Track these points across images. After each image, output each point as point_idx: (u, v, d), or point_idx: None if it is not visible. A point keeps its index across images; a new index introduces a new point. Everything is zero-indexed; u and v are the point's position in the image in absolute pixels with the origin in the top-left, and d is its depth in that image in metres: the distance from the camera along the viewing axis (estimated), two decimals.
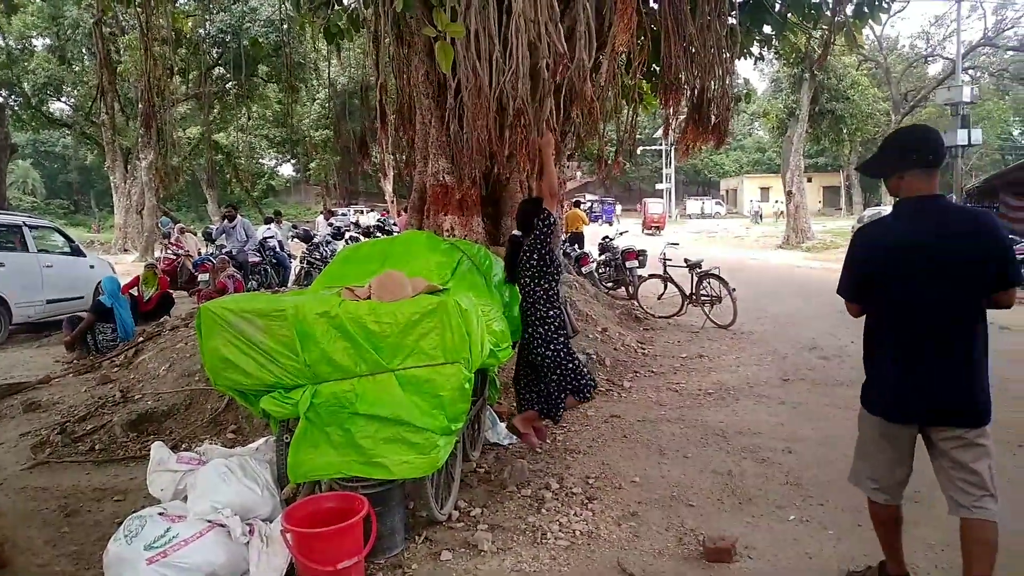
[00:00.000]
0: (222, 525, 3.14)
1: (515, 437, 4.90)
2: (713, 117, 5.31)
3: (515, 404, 4.60)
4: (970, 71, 33.77)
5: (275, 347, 3.32)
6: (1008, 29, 33.15)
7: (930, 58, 38.65)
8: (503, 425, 5.02)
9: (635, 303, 10.59)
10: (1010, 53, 36.21)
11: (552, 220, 4.20)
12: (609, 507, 3.83)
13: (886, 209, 22.66)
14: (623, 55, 5.93)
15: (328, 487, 3.44)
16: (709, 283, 9.93)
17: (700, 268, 10.14)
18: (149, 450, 3.73)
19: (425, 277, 4.03)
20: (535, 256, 4.16)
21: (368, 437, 3.19)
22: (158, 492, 3.58)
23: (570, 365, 4.15)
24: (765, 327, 9.58)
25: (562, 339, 4.18)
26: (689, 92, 5.81)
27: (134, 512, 3.24)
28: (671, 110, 5.99)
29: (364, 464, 3.18)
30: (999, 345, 7.99)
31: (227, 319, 3.34)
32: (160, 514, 3.20)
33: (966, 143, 19.17)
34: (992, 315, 2.66)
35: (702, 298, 9.88)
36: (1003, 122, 41.92)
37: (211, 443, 4.79)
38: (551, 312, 4.15)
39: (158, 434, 5.06)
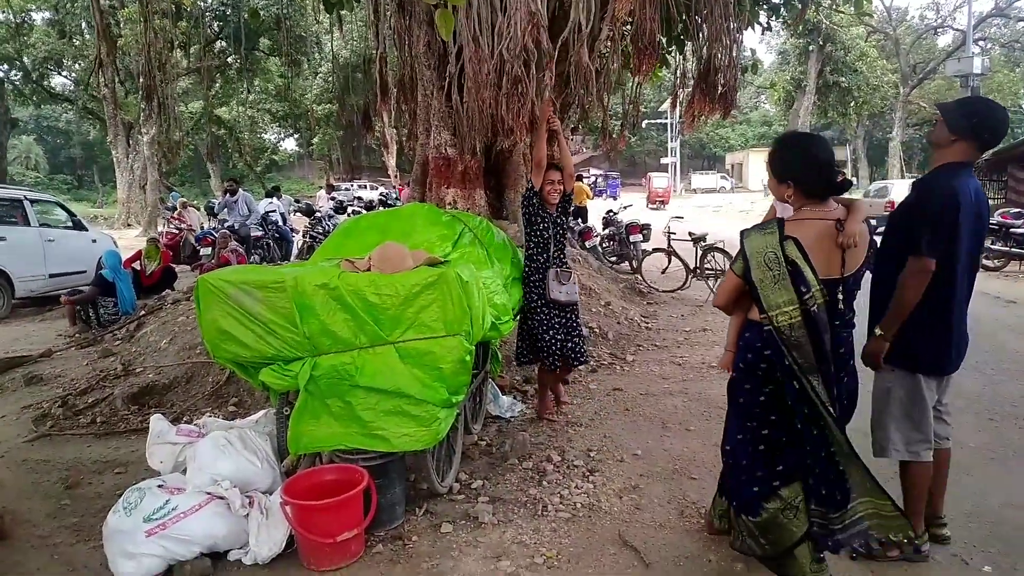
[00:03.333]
0: (221, 497, 3.13)
1: (517, 410, 4.89)
2: (720, 86, 5.21)
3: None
4: (980, 42, 33.22)
5: (274, 319, 3.28)
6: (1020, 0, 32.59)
7: (940, 29, 38.04)
8: (505, 398, 5.00)
9: (639, 277, 10.53)
10: (1021, 24, 35.63)
11: (527, 191, 4.54)
12: (611, 480, 3.81)
13: (893, 183, 22.43)
14: (628, 24, 5.81)
15: (328, 459, 3.42)
16: (713, 257, 9.86)
17: (704, 242, 10.06)
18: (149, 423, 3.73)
19: (426, 249, 3.98)
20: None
21: (369, 409, 3.17)
22: (157, 464, 3.58)
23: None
24: None
25: (530, 305, 4.53)
26: (696, 61, 5.71)
27: (135, 484, 3.23)
28: (643, 76, 5.91)
29: (365, 436, 3.16)
30: (1005, 319, 7.93)
31: (225, 291, 3.30)
32: (159, 486, 3.19)
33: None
34: (998, 289, 2.66)
35: (706, 272, 9.82)
36: (1013, 94, 41.32)
37: (212, 416, 4.79)
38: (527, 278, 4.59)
39: (159, 407, 5.05)
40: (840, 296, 2.51)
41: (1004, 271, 12.12)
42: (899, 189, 20.31)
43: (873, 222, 3.24)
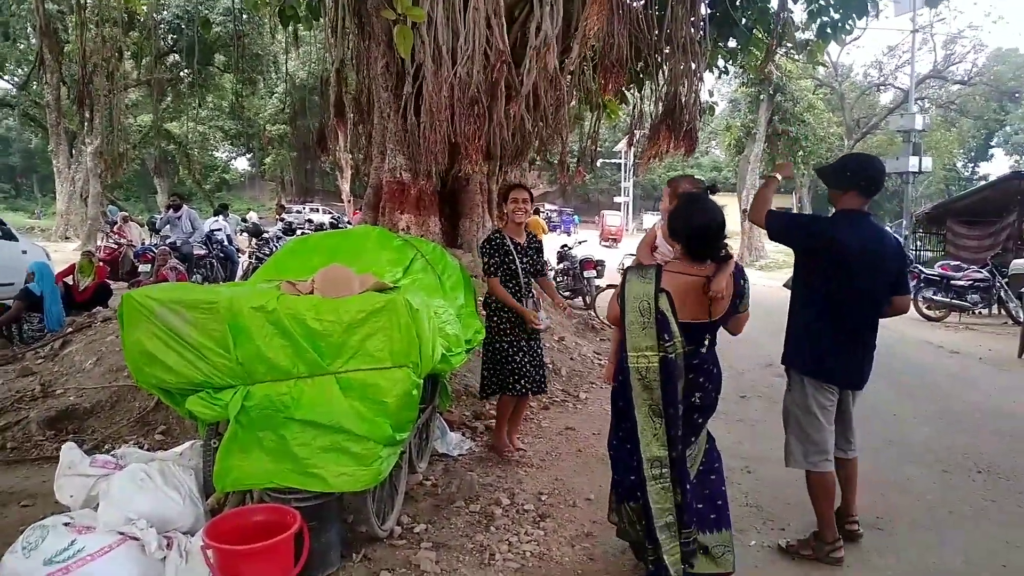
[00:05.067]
0: (135, 538, 2.82)
1: (465, 448, 4.66)
2: (685, 123, 5.18)
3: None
4: (919, 101, 34.78)
5: (204, 342, 3.01)
6: (957, 63, 34.30)
7: (882, 87, 39.73)
8: (454, 435, 4.77)
9: (592, 313, 10.44)
10: (957, 87, 37.48)
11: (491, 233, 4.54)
12: (562, 526, 3.61)
13: None
14: (594, 45, 5.77)
15: (258, 498, 3.13)
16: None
17: None
18: None
19: (375, 274, 3.75)
20: None
21: (304, 445, 2.91)
22: (67, 499, 3.22)
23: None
24: (721, 344, 9.47)
25: (498, 331, 4.46)
26: (662, 97, 5.69)
27: (39, 521, 2.90)
28: (609, 94, 5.88)
29: (299, 474, 2.90)
30: (950, 369, 8.06)
31: (152, 309, 3.02)
32: (65, 524, 2.86)
33: (917, 170, 19.64)
34: (941, 340, 2.67)
35: None
36: (948, 153, 43.28)
37: (137, 444, 4.45)
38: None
39: (78, 433, 4.67)
40: (707, 336, 2.89)
41: (945, 322, 12.44)
42: None
43: None
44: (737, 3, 7.50)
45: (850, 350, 3.38)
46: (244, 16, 13.46)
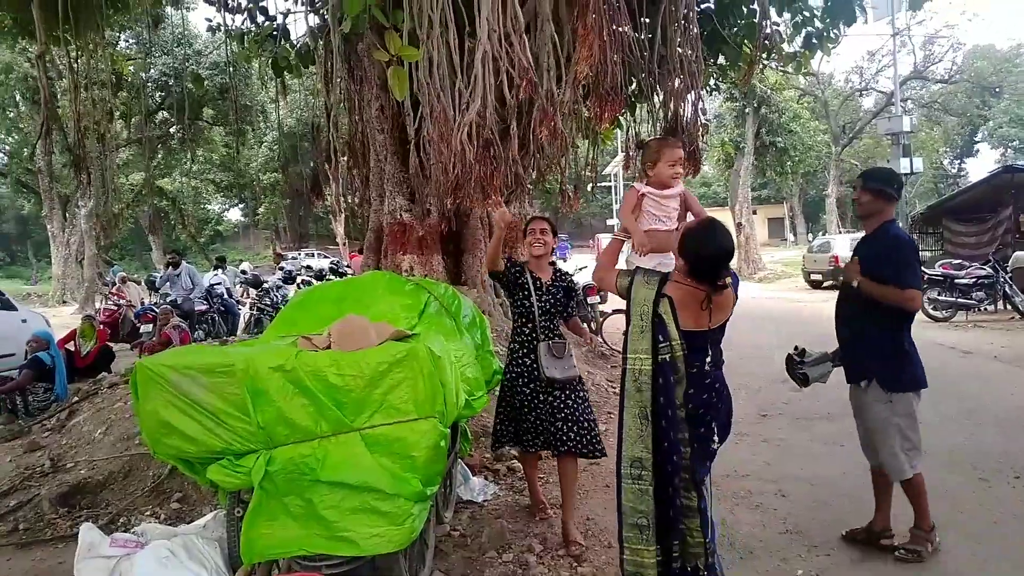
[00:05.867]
0: None
1: (490, 493, 4.53)
2: (687, 145, 5.14)
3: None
4: (903, 103, 35.11)
5: (223, 408, 2.90)
6: (936, 63, 34.66)
7: (864, 91, 40.12)
8: (476, 480, 4.64)
9: (600, 339, 10.33)
10: (938, 85, 37.86)
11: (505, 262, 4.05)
12: (601, 569, 3.48)
13: (834, 238, 23.10)
14: (583, 85, 5.76)
15: (287, 567, 3.00)
16: None
17: None
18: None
19: (390, 321, 3.67)
20: None
21: (333, 507, 2.79)
22: None
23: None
24: (733, 360, 9.24)
25: (511, 381, 4.03)
26: (662, 119, 5.66)
27: None
28: (606, 124, 5.82)
29: (329, 539, 2.78)
30: (966, 370, 7.96)
31: (167, 377, 2.92)
32: None
33: (909, 171, 19.71)
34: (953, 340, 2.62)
35: None
36: (935, 151, 43.56)
37: (153, 515, 4.33)
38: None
39: (92, 508, 4.53)
40: (708, 344, 2.85)
41: (953, 321, 12.36)
42: (841, 244, 20.92)
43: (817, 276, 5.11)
44: (726, 21, 7.54)
45: None
46: (231, 68, 13.50)
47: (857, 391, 3.64)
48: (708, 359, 2.84)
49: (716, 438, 2.87)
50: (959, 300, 12.54)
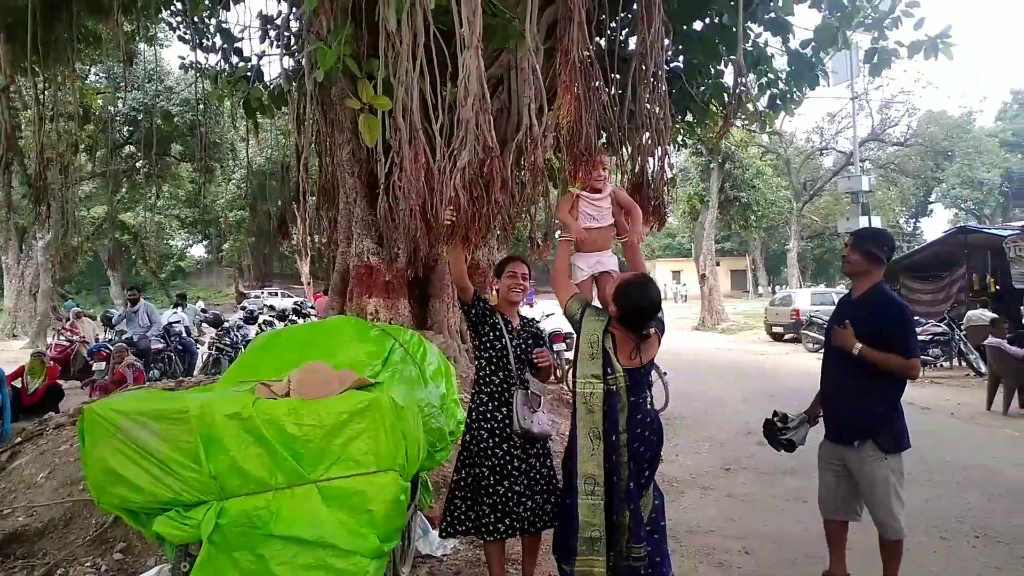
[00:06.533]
0: None
1: (449, 547, 4.41)
2: (652, 199, 5.22)
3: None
4: (861, 163, 36.39)
5: (174, 456, 2.79)
6: (893, 126, 36.06)
7: (825, 151, 41.52)
8: (435, 532, 4.51)
9: (565, 387, 10.27)
10: (894, 148, 39.35)
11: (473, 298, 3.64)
12: None
13: (796, 292, 23.59)
14: (555, 136, 5.84)
15: None
16: None
17: None
18: None
19: (353, 369, 3.59)
20: None
21: (285, 563, 2.69)
22: None
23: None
24: (697, 412, 9.43)
25: (477, 444, 3.51)
26: (630, 174, 5.74)
27: None
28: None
29: None
30: (925, 426, 8.07)
31: (116, 423, 2.80)
32: None
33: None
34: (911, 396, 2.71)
35: None
36: (891, 211, 45.01)
37: (94, 566, 4.12)
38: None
39: (28, 558, 4.28)
40: (639, 376, 3.12)
41: None
42: (802, 298, 21.34)
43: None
44: (694, 80, 7.76)
45: None
46: (201, 106, 13.46)
47: (843, 450, 3.60)
48: (645, 395, 3.17)
49: (647, 468, 3.14)
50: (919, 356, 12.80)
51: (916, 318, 14.45)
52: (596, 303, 3.50)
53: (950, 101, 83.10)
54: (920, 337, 12.94)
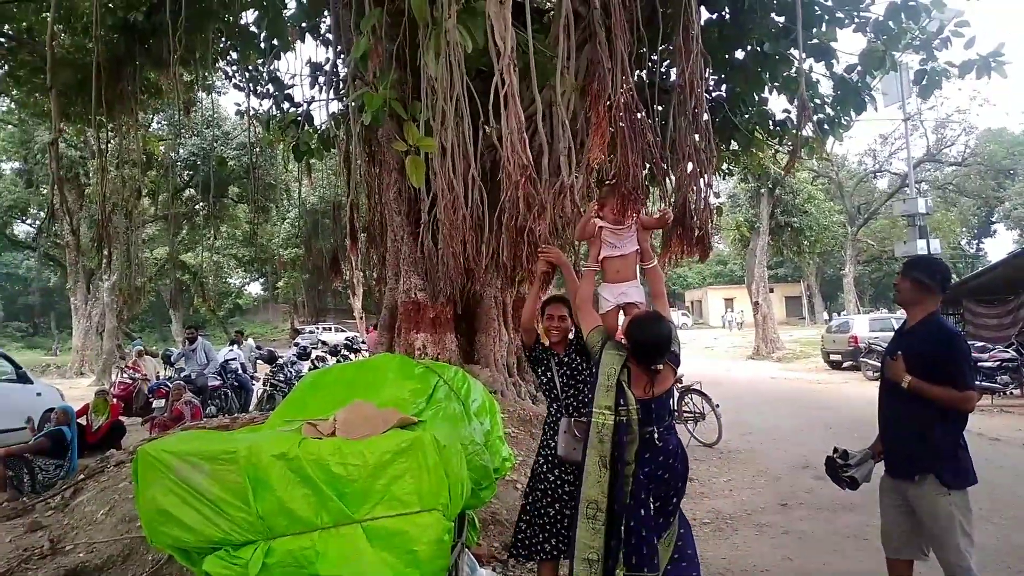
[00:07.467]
0: None
1: None
2: (696, 229, 5.17)
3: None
4: (917, 185, 35.43)
5: (223, 496, 2.84)
6: (949, 146, 35.09)
7: (879, 173, 40.57)
8: (483, 571, 4.47)
9: None
10: (951, 168, 38.20)
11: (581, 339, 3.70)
12: None
13: (853, 318, 22.93)
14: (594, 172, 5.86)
15: None
16: (691, 399, 9.59)
17: (681, 383, 9.81)
18: None
19: (398, 407, 3.62)
20: None
21: None
22: None
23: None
24: (752, 444, 9.20)
25: (534, 470, 3.85)
26: (671, 205, 5.72)
27: None
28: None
29: None
30: (994, 459, 7.72)
31: (169, 464, 2.88)
32: None
33: (927, 252, 19.64)
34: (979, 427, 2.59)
35: (684, 415, 9.51)
36: (952, 232, 43.63)
37: None
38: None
39: None
40: (653, 408, 3.22)
41: (978, 406, 12.03)
42: (860, 324, 20.72)
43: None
44: (737, 109, 7.71)
45: None
46: (257, 149, 13.97)
47: (904, 485, 3.45)
48: (663, 426, 3.25)
49: (674, 497, 3.24)
50: (983, 384, 12.27)
51: (982, 344, 13.88)
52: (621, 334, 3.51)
53: (1009, 118, 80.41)
54: (987, 364, 12.44)
